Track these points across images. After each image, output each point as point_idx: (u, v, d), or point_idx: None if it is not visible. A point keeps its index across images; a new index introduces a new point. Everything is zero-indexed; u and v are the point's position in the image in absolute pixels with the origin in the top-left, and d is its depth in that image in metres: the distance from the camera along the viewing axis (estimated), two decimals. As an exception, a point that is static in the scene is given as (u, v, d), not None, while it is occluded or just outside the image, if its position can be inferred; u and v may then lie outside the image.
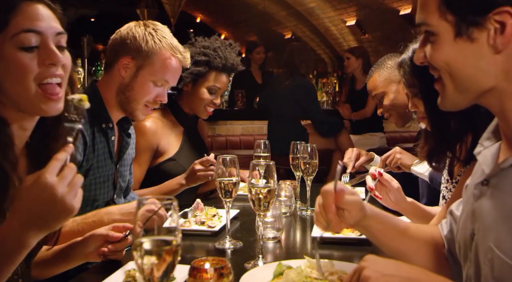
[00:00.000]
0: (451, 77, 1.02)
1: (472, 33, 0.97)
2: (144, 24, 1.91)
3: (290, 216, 2.15)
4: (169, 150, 2.53)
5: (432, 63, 1.05)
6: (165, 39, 1.89)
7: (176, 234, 0.88)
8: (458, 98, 1.04)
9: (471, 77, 1.00)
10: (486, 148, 1.09)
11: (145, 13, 8.15)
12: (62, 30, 1.16)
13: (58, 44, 1.15)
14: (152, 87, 1.89)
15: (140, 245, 0.86)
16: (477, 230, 1.04)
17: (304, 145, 2.24)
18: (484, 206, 1.02)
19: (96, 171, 1.83)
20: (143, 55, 1.86)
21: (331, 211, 1.21)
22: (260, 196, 1.48)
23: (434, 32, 1.02)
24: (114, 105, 1.90)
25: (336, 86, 7.29)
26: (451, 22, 0.99)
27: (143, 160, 2.43)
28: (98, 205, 1.86)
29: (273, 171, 1.49)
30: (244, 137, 5.47)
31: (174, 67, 1.91)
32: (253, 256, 1.56)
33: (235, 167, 1.69)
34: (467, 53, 0.99)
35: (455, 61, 1.00)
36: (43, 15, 1.13)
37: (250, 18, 11.47)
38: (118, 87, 1.88)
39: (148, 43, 1.85)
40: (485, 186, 1.03)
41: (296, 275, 1.21)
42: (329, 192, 1.22)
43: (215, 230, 1.86)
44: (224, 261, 1.12)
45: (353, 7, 8.68)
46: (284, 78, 4.67)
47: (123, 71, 1.86)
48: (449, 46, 1.00)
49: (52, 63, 1.12)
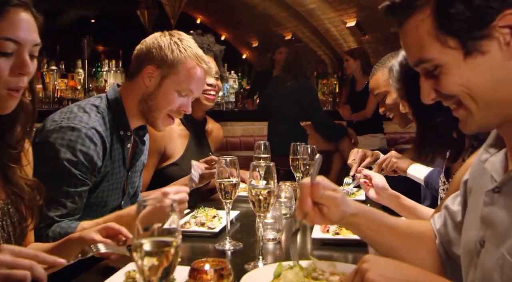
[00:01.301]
0: (471, 98, 0.98)
1: (482, 46, 0.95)
2: (170, 34, 1.90)
3: (290, 217, 2.15)
4: (174, 154, 2.54)
5: (447, 93, 1.01)
6: (190, 49, 1.87)
7: (176, 235, 0.88)
8: (485, 117, 1.00)
9: (490, 92, 0.97)
10: (493, 155, 1.08)
11: (145, 14, 8.14)
12: (39, 42, 1.22)
13: (32, 53, 1.20)
14: (176, 97, 1.87)
15: (140, 246, 0.86)
16: (488, 238, 1.03)
17: (304, 146, 2.24)
18: (497, 214, 1.01)
19: (110, 177, 1.83)
20: (168, 64, 1.84)
21: (307, 204, 1.22)
22: (260, 197, 1.48)
23: (439, 64, 0.99)
24: (135, 114, 1.88)
25: (336, 87, 7.30)
26: (456, 46, 0.96)
27: (151, 164, 2.43)
28: (106, 211, 1.85)
29: (273, 172, 1.49)
30: (244, 139, 5.47)
31: (199, 77, 1.89)
32: (253, 257, 1.56)
33: (235, 168, 1.69)
34: (481, 68, 0.96)
35: (472, 81, 0.97)
36: (26, 24, 1.18)
37: (250, 19, 11.47)
38: (141, 96, 1.86)
39: (174, 52, 1.84)
40: (497, 194, 1.02)
41: (294, 275, 1.21)
42: (305, 185, 1.23)
43: (215, 231, 1.86)
44: (224, 262, 1.12)
45: (353, 8, 8.68)
46: (287, 79, 4.65)
47: (148, 80, 1.85)
48: (461, 69, 0.97)
49: (22, 73, 1.18)
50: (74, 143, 1.67)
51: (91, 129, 1.72)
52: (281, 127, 4.65)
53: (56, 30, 8.92)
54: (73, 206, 1.68)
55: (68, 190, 1.66)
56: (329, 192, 1.23)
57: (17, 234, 1.32)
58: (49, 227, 1.63)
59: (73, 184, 1.67)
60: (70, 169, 1.66)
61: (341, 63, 6.01)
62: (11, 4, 1.15)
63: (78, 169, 1.68)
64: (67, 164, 1.66)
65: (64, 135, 1.67)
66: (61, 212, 1.65)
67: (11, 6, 1.15)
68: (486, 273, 1.02)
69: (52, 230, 1.62)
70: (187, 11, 11.49)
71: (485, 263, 1.03)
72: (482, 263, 1.04)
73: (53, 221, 1.64)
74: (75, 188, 1.68)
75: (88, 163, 1.70)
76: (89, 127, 1.72)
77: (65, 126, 1.69)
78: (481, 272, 1.04)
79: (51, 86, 5.49)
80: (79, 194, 1.69)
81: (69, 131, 1.68)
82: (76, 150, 1.67)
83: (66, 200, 1.66)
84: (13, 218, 1.31)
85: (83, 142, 1.69)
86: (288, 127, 4.61)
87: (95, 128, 1.74)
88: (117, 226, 1.36)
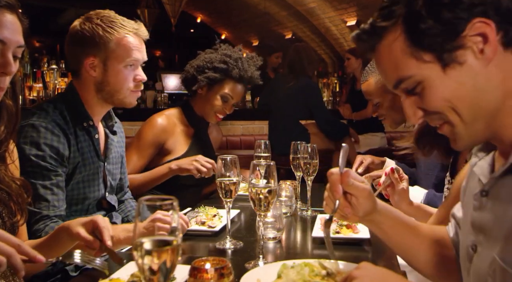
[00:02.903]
0: (456, 112, 0.98)
1: (457, 57, 0.95)
2: (87, 19, 1.87)
3: (291, 216, 2.15)
4: (176, 149, 2.55)
5: (432, 109, 1.00)
6: (113, 23, 1.85)
7: (177, 234, 0.88)
8: (473, 132, 0.99)
9: (474, 102, 0.96)
10: (482, 159, 1.08)
11: (145, 13, 8.16)
12: (23, 43, 1.26)
13: (15, 54, 1.24)
14: (127, 71, 1.87)
15: (140, 245, 0.86)
16: (479, 242, 1.02)
17: (304, 145, 2.24)
18: (486, 218, 1.00)
19: (83, 169, 1.84)
20: (102, 49, 1.83)
21: (338, 190, 1.19)
22: (260, 196, 1.48)
23: (419, 81, 0.99)
24: (94, 104, 1.89)
25: (336, 87, 7.30)
26: (432, 60, 0.96)
27: (146, 153, 2.49)
28: (90, 204, 1.88)
29: (274, 171, 1.49)
30: (245, 138, 5.46)
31: (134, 44, 1.87)
32: (254, 256, 1.56)
33: (235, 167, 1.69)
34: (462, 78, 0.96)
35: (454, 93, 0.96)
36: (11, 25, 1.22)
37: (250, 18, 11.47)
38: (95, 86, 1.87)
39: (101, 35, 1.82)
40: (485, 197, 1.01)
41: (295, 274, 1.20)
42: (334, 173, 1.21)
43: (216, 230, 1.86)
44: (224, 261, 1.12)
45: (353, 7, 8.68)
46: (289, 79, 4.63)
47: (92, 71, 1.85)
48: (442, 82, 0.97)
49: (4, 72, 1.21)
50: (37, 138, 1.71)
51: (50, 123, 1.75)
52: (282, 127, 4.65)
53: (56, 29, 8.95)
54: (54, 197, 1.72)
55: (44, 184, 1.70)
56: (358, 182, 1.22)
57: (7, 229, 1.34)
58: (37, 222, 1.66)
59: (47, 177, 1.71)
60: (39, 163, 1.69)
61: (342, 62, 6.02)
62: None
63: (47, 162, 1.71)
64: (35, 159, 1.69)
65: (26, 134, 1.70)
66: (45, 205, 1.69)
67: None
68: (479, 279, 1.01)
69: (45, 231, 1.65)
70: (187, 10, 11.49)
71: (478, 268, 1.02)
72: (475, 268, 1.03)
73: (40, 215, 1.67)
74: (50, 180, 1.71)
75: (55, 154, 1.73)
76: (48, 121, 1.75)
77: (25, 125, 1.71)
78: (475, 278, 1.03)
79: (51, 85, 5.49)
80: (56, 185, 1.73)
81: (29, 129, 1.71)
82: (40, 144, 1.71)
83: (46, 193, 1.70)
84: (2, 212, 1.33)
85: (45, 135, 1.72)
86: (290, 126, 4.61)
87: (54, 121, 1.77)
88: (101, 224, 1.31)
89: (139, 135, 2.55)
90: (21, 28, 1.25)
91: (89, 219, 1.34)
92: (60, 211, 1.73)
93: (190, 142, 2.62)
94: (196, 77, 2.58)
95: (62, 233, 1.37)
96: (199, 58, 2.65)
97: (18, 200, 1.37)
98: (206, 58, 2.59)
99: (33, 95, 5.47)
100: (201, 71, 2.57)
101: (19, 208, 1.37)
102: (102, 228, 1.30)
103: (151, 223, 1.07)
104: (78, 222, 1.35)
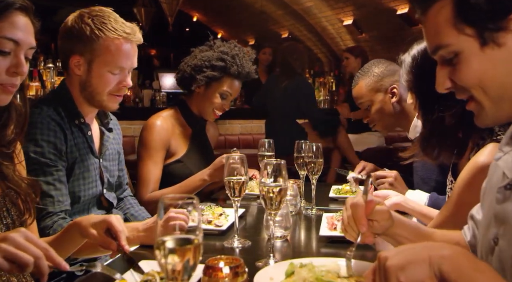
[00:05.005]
0: (484, 92, 1.00)
1: (498, 38, 0.96)
2: (80, 16, 1.82)
3: (296, 215, 2.15)
4: (177, 151, 2.53)
5: (463, 84, 1.02)
6: (103, 24, 1.79)
7: (197, 233, 0.88)
8: (498, 111, 1.02)
9: (504, 85, 0.99)
10: (507, 153, 1.08)
11: (142, 12, 8.12)
12: (35, 45, 1.30)
13: (26, 56, 1.29)
14: (110, 77, 1.82)
15: (162, 244, 0.86)
16: (501, 235, 1.03)
17: (308, 144, 2.24)
18: (509, 209, 1.01)
19: (81, 165, 1.84)
20: (88, 49, 1.79)
21: (364, 223, 1.21)
22: (271, 194, 1.48)
23: (456, 51, 1.00)
24: (83, 102, 1.88)
25: (333, 86, 7.31)
26: (473, 34, 0.98)
27: (159, 158, 2.43)
28: (88, 201, 1.88)
29: (284, 169, 1.49)
30: (243, 137, 5.47)
31: (124, 51, 1.81)
32: (262, 255, 1.57)
33: (243, 165, 1.68)
34: (496, 60, 0.98)
35: (486, 73, 0.98)
36: (25, 28, 1.26)
37: (246, 17, 11.45)
38: (79, 85, 1.86)
39: (89, 36, 1.78)
40: (509, 190, 1.02)
41: (307, 272, 1.21)
42: (359, 205, 1.22)
43: (223, 229, 1.85)
44: (238, 260, 1.11)
45: (350, 6, 8.69)
46: (283, 78, 4.68)
47: (77, 69, 1.83)
48: (478, 58, 0.99)
49: (17, 73, 1.26)
50: (34, 135, 1.71)
51: (45, 118, 1.76)
52: (279, 126, 4.66)
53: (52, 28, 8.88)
54: (58, 193, 1.72)
55: (47, 180, 1.70)
56: (380, 206, 1.24)
57: (16, 227, 1.33)
58: (44, 219, 1.66)
59: (48, 173, 1.71)
60: (39, 159, 1.70)
61: (338, 61, 6.04)
62: (14, 7, 1.23)
63: (47, 157, 1.71)
64: (34, 156, 1.69)
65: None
66: (50, 200, 1.69)
67: (14, 9, 1.23)
68: (500, 270, 1.02)
69: (53, 228, 1.64)
70: (184, 9, 11.46)
71: (499, 261, 1.02)
72: (496, 260, 1.04)
73: (46, 211, 1.67)
74: (52, 175, 1.72)
75: (53, 149, 1.74)
76: (43, 117, 1.75)
77: None
78: (496, 270, 1.04)
79: (49, 84, 5.46)
80: (58, 180, 1.73)
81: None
82: (37, 140, 1.71)
83: (49, 189, 1.70)
84: (11, 211, 1.34)
85: (42, 132, 1.73)
86: (287, 126, 4.63)
87: (49, 116, 1.77)
88: (117, 227, 1.31)
89: (144, 144, 2.45)
90: (33, 30, 1.29)
91: (102, 218, 1.34)
92: (65, 206, 1.73)
93: (189, 142, 2.59)
94: (194, 77, 2.51)
95: (73, 230, 1.37)
96: (194, 56, 2.57)
97: (27, 199, 1.37)
98: (203, 57, 2.52)
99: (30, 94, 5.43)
100: (199, 70, 2.51)
101: (27, 207, 1.38)
102: (119, 232, 1.31)
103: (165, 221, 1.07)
104: (90, 221, 1.35)
